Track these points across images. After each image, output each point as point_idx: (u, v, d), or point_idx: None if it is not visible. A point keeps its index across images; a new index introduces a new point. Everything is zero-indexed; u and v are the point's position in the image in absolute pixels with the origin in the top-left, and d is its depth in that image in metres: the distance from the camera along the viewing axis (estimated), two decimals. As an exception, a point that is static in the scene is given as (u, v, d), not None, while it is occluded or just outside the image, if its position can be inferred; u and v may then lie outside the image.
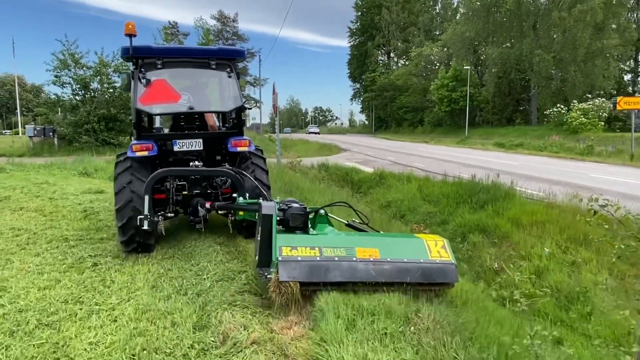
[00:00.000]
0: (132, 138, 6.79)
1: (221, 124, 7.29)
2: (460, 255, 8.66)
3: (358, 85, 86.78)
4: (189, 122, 6.62)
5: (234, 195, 5.75)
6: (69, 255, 5.86)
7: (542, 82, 44.95)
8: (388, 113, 73.91)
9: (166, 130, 7.18)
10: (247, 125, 73.13)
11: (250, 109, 7.31)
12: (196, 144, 6.16)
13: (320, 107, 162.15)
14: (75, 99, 23.60)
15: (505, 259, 7.93)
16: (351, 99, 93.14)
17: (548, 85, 45.47)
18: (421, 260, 3.99)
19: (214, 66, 6.24)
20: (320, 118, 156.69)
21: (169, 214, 5.99)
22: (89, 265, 5.45)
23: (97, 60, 23.36)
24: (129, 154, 5.76)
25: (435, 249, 4.13)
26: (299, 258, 3.82)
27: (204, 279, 4.92)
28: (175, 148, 6.11)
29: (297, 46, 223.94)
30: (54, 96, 24.42)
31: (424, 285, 3.96)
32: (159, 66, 6.01)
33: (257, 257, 4.26)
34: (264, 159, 6.61)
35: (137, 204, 5.45)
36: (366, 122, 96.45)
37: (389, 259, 3.97)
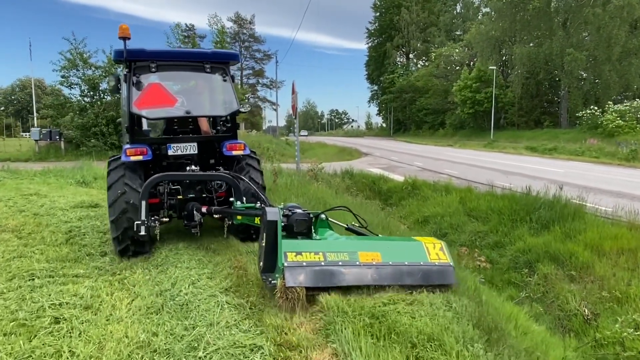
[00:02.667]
0: (121, 142, 6.97)
1: (214, 128, 7.08)
2: (531, 292, 6.91)
3: (376, 87, 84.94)
4: (182, 126, 6.46)
5: (231, 199, 5.67)
6: (26, 304, 4.33)
7: (573, 83, 42.58)
8: (407, 115, 71.89)
9: (154, 134, 6.95)
10: (264, 127, 72.37)
11: (245, 112, 7.57)
12: (191, 148, 6.08)
13: (337, 110, 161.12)
14: (84, 101, 22.40)
15: (595, 301, 6.15)
16: (369, 101, 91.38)
17: (579, 85, 43.08)
18: (421, 263, 4.12)
19: (208, 69, 6.18)
20: (337, 121, 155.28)
21: (164, 219, 5.80)
22: (46, 324, 3.90)
23: (107, 60, 22.15)
24: (123, 158, 5.62)
25: (434, 252, 4.24)
26: (304, 263, 3.86)
27: (199, 359, 3.31)
28: (170, 152, 6.02)
29: (314, 49, 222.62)
30: (61, 97, 23.23)
31: (424, 287, 4.04)
32: (153, 69, 5.89)
33: (261, 263, 4.26)
34: (258, 160, 6.56)
35: (132, 215, 5.34)
36: (384, 125, 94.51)
37: (390, 262, 4.06)
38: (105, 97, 22.38)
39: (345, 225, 5.21)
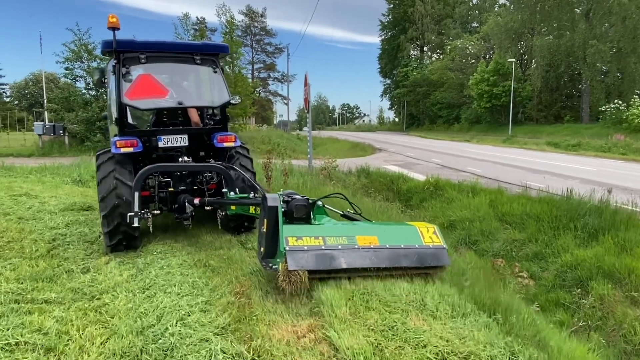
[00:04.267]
0: (107, 137, 7.10)
1: (203, 120, 6.92)
2: (584, 314, 5.87)
3: (389, 81, 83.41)
4: (172, 118, 6.48)
5: (224, 190, 5.69)
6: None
7: (596, 76, 40.85)
8: (421, 110, 70.37)
9: (143, 126, 6.94)
10: (275, 122, 71.46)
11: (235, 104, 6.84)
12: (181, 140, 6.06)
13: (348, 104, 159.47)
14: (89, 94, 21.61)
15: (670, 332, 5.09)
16: (381, 95, 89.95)
17: (602, 79, 41.33)
18: (416, 246, 4.29)
19: (198, 61, 6.20)
20: (348, 115, 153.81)
21: (155, 212, 5.72)
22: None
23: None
24: (114, 150, 5.52)
25: (427, 235, 4.41)
26: (305, 247, 3.97)
27: None
28: (160, 144, 5.97)
29: (326, 43, 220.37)
30: (65, 91, 22.43)
31: (420, 269, 4.27)
32: (143, 60, 5.86)
33: (262, 249, 4.33)
34: (248, 149, 6.58)
35: (123, 209, 5.31)
36: (396, 120, 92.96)
37: (387, 246, 4.21)
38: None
39: (341, 212, 5.30)
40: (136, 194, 5.16)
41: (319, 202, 4.88)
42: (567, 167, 17.42)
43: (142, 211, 5.26)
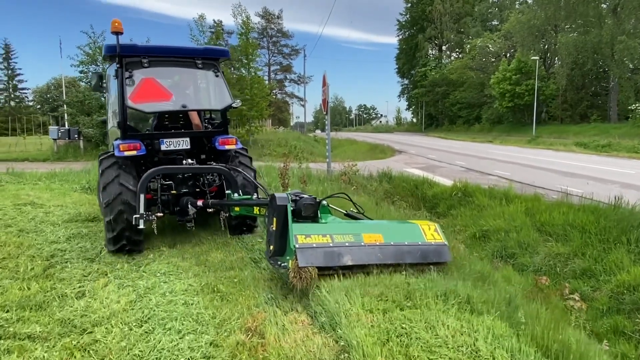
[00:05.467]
0: (106, 141, 7.06)
1: (206, 123, 7.05)
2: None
3: (406, 81, 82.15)
4: (173, 122, 6.53)
5: (227, 192, 5.75)
6: None
7: (625, 73, 39.16)
8: (440, 110, 69.01)
9: (144, 130, 6.90)
10: (292, 123, 71.03)
11: (236, 108, 6.72)
12: (183, 143, 6.14)
13: (365, 105, 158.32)
14: (103, 98, 21.30)
15: None
16: (399, 96, 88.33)
17: (631, 76, 39.61)
18: (419, 243, 4.45)
19: (200, 65, 6.31)
20: (365, 116, 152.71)
21: (158, 214, 5.63)
22: None
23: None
24: (117, 153, 5.59)
25: (429, 232, 4.57)
26: (314, 245, 4.08)
27: None
28: (163, 147, 6.04)
29: (343, 44, 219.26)
30: (80, 94, 22.20)
31: (423, 264, 4.38)
32: (146, 65, 5.94)
33: (271, 247, 4.43)
34: (246, 149, 6.71)
35: (128, 215, 5.37)
36: (414, 120, 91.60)
37: (392, 243, 4.36)
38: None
39: (345, 211, 5.43)
40: (142, 196, 5.24)
41: (324, 202, 4.96)
42: (602, 169, 16.34)
43: (147, 213, 5.32)
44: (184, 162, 6.04)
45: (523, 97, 45.04)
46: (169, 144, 6.04)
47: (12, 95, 60.28)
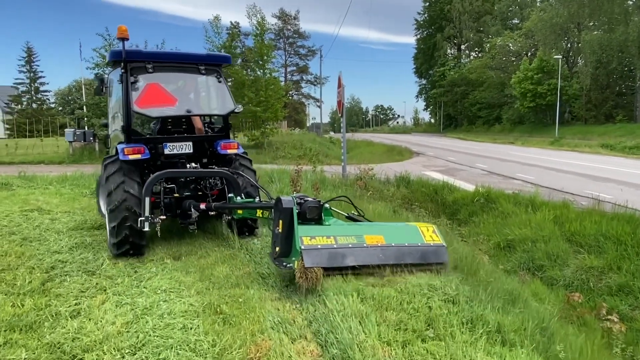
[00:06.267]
0: (107, 145, 7.36)
1: (206, 127, 7.12)
2: None
3: (424, 81, 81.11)
4: (176, 126, 6.62)
5: (229, 195, 5.89)
6: None
7: (652, 72, 37.81)
8: (459, 110, 67.86)
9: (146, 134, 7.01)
10: (308, 124, 70.75)
11: (238, 113, 7.41)
12: (186, 147, 6.25)
13: (381, 106, 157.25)
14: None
15: None
16: (416, 96, 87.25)
17: (659, 75, 38.25)
18: (419, 244, 4.61)
19: (203, 71, 6.42)
20: (381, 117, 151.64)
21: (161, 217, 5.69)
22: None
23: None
24: (122, 157, 5.67)
25: (428, 234, 4.73)
26: (319, 246, 4.25)
27: None
28: (166, 151, 6.16)
29: (359, 44, 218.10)
30: (96, 97, 22.19)
31: (423, 265, 4.51)
32: (150, 70, 6.04)
33: (276, 248, 4.57)
34: (246, 152, 6.79)
35: (132, 222, 5.41)
36: (432, 121, 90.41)
37: (393, 244, 4.51)
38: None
39: (346, 214, 5.54)
40: (147, 200, 5.30)
41: (326, 205, 5.05)
42: (633, 173, 15.52)
43: (152, 216, 5.40)
44: (188, 166, 6.15)
45: (545, 97, 43.89)
46: (172, 148, 6.15)
47: (34, 98, 61.24)
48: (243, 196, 5.80)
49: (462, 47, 73.97)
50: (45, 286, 5.06)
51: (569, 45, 48.53)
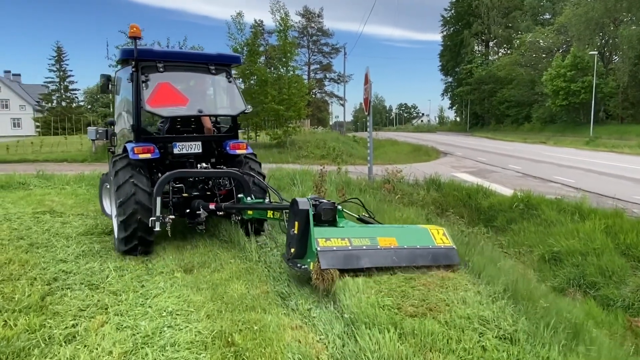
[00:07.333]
0: (113, 143, 7.34)
1: (217, 128, 7.11)
2: None
3: (450, 79, 79.31)
4: (185, 125, 6.59)
5: (239, 195, 5.93)
6: None
7: (696, 68, 35.72)
8: (486, 108, 66.09)
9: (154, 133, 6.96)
10: (331, 123, 70.04)
11: (248, 113, 6.92)
12: (195, 147, 6.22)
13: (405, 104, 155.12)
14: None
15: None
16: (442, 94, 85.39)
17: None
18: (430, 246, 4.67)
19: (213, 71, 6.43)
20: (405, 115, 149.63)
21: (171, 216, 5.60)
22: None
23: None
24: (132, 156, 5.65)
25: (438, 237, 4.78)
26: (335, 248, 4.29)
27: None
28: (176, 150, 6.13)
29: (383, 42, 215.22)
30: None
31: (433, 267, 4.50)
32: (161, 69, 6.00)
33: (291, 250, 4.62)
34: (255, 154, 6.73)
35: (141, 215, 5.43)
36: (457, 119, 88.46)
37: (405, 246, 4.57)
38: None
39: (357, 216, 5.57)
40: (158, 199, 5.30)
41: (339, 207, 5.02)
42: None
43: (162, 215, 5.38)
44: (198, 166, 6.13)
45: (579, 95, 42.13)
46: (181, 148, 6.10)
47: (63, 96, 62.45)
48: (253, 197, 5.83)
49: (490, 43, 72.03)
50: (44, 301, 4.61)
51: (604, 41, 46.48)
